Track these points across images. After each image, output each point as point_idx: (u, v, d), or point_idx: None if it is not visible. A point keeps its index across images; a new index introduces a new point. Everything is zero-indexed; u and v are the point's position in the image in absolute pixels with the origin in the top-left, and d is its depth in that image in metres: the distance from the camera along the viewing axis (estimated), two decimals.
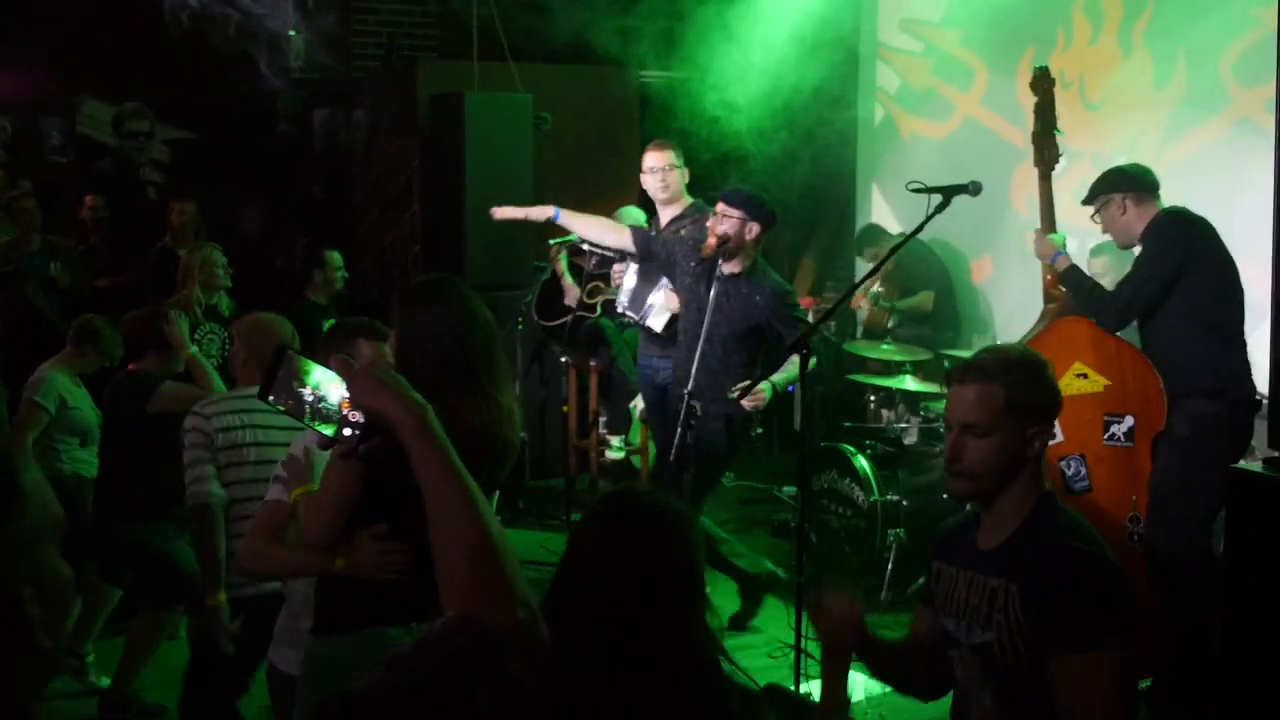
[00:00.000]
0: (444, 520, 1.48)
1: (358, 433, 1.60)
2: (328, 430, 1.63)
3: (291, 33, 8.39)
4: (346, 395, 1.59)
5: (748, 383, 5.03)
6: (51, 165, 8.89)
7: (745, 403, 5.04)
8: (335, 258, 7.21)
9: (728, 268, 5.13)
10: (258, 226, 8.87)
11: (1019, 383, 2.54)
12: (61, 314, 6.85)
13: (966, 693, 2.65)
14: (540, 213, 5.85)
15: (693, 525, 2.02)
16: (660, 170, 5.86)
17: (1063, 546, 2.51)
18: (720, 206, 5.15)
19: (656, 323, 5.87)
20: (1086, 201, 4.82)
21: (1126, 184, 4.73)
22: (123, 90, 8.90)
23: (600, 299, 7.26)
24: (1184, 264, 4.55)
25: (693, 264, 5.30)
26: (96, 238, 8.09)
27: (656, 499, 2.04)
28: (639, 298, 6.00)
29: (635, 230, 5.72)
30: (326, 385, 1.63)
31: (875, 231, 8.01)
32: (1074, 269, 4.80)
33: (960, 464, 2.57)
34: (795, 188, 8.37)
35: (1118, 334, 4.77)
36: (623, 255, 6.18)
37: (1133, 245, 4.78)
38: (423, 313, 2.97)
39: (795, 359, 4.75)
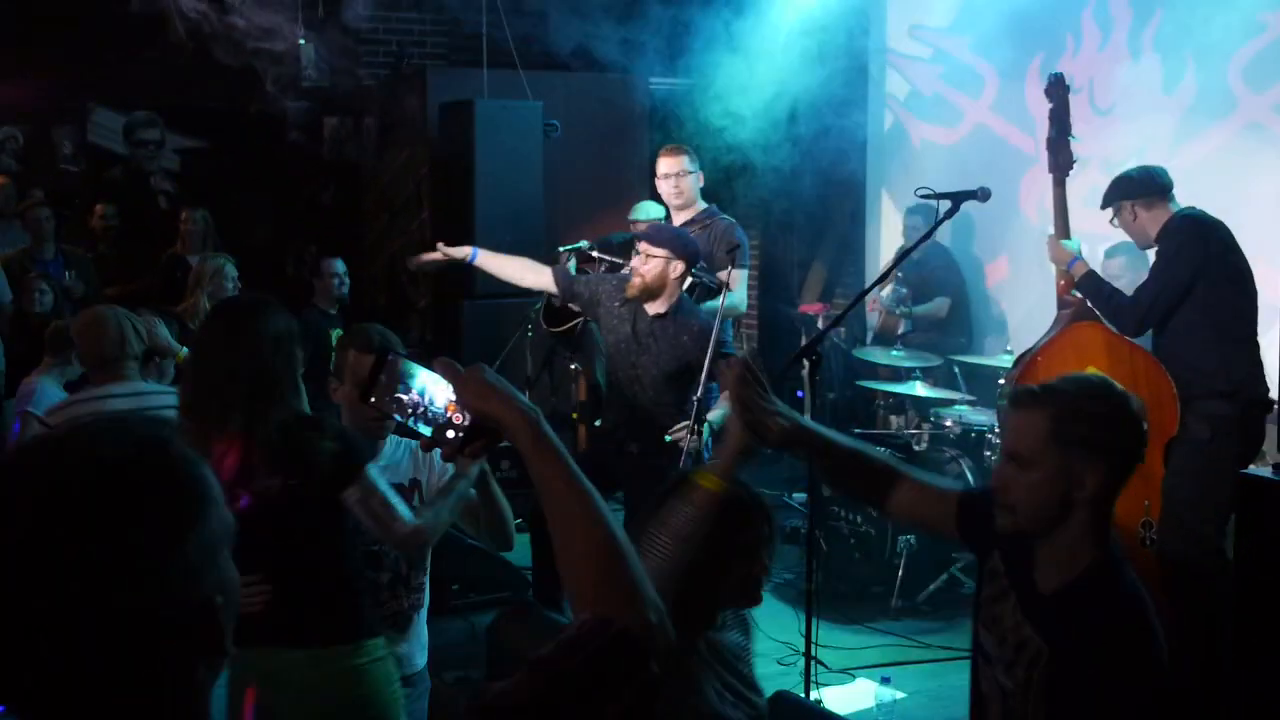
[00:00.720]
0: (570, 526, 1.46)
1: (461, 435, 1.60)
2: (428, 433, 1.63)
3: (301, 41, 8.42)
4: (453, 398, 1.59)
5: (683, 425, 4.71)
6: (63, 174, 8.93)
7: (683, 445, 4.71)
8: (335, 265, 7.09)
9: (652, 308, 4.89)
10: (267, 234, 8.91)
11: (1072, 413, 2.28)
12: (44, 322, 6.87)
13: (987, 705, 2.50)
14: (459, 252, 5.74)
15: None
16: (674, 176, 5.85)
17: (1109, 625, 2.25)
18: (643, 246, 4.92)
19: None
20: (1104, 207, 4.85)
21: (1133, 190, 4.75)
22: (133, 100, 8.95)
23: None
24: (1200, 267, 4.54)
25: (618, 304, 5.03)
26: (106, 246, 8.13)
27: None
28: None
29: (556, 270, 5.51)
30: (432, 388, 1.63)
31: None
32: (1091, 275, 4.79)
33: (1004, 495, 2.35)
34: (804, 194, 8.38)
35: (1132, 340, 4.75)
36: (627, 260, 6.18)
37: (1150, 247, 4.79)
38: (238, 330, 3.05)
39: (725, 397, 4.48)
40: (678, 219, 6.00)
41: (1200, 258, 4.55)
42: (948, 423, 6.35)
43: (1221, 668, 4.43)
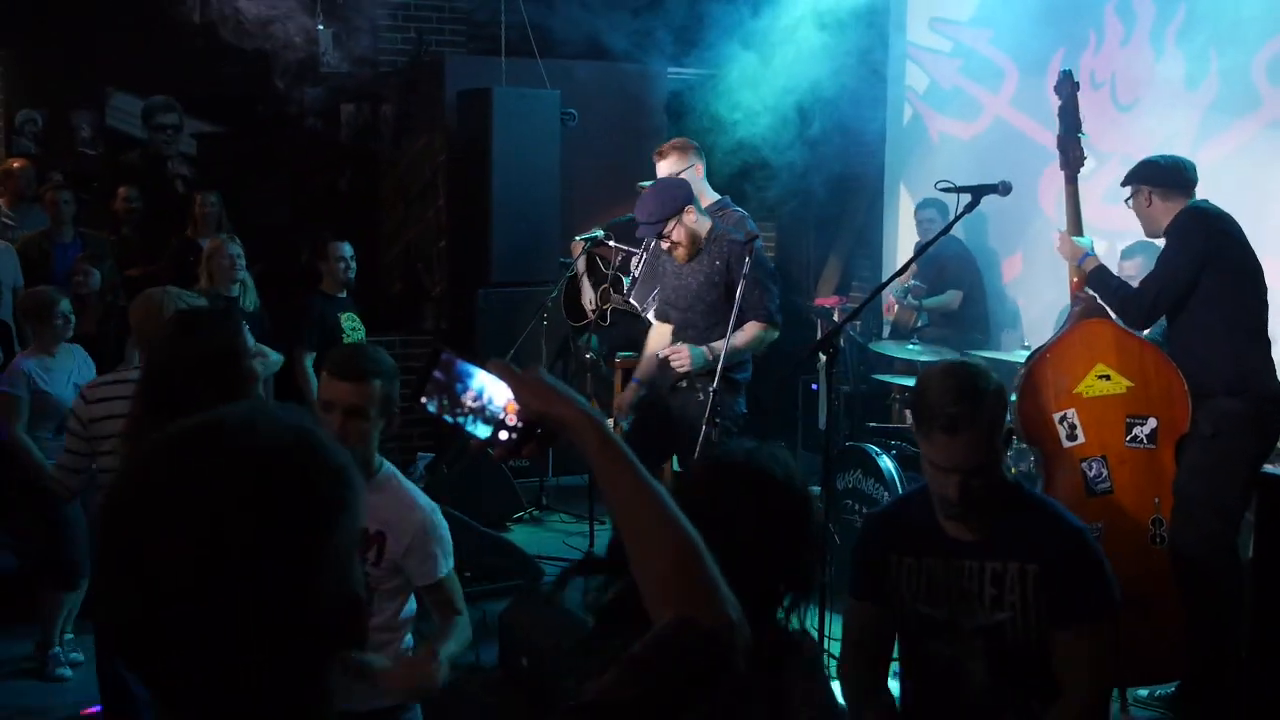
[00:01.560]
0: (643, 528, 1.44)
1: (514, 436, 1.59)
2: (483, 433, 1.61)
3: (320, 27, 8.41)
4: (509, 398, 1.57)
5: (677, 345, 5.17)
6: (82, 157, 8.94)
7: (673, 362, 5.10)
8: (342, 248, 7.02)
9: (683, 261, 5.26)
10: (283, 220, 8.91)
11: (994, 409, 2.70)
12: (99, 304, 6.89)
13: (955, 672, 2.78)
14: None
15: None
16: (674, 175, 5.88)
17: (1074, 528, 2.77)
18: (666, 232, 5.19)
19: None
20: (1124, 184, 4.83)
21: (1156, 177, 4.72)
22: (151, 84, 8.95)
23: (610, 305, 7.30)
24: (1205, 260, 4.52)
25: (674, 268, 5.38)
26: (128, 229, 8.14)
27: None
28: (644, 292, 6.01)
29: (645, 310, 5.94)
30: (490, 388, 1.61)
31: None
32: (1100, 269, 4.77)
33: (974, 503, 2.70)
34: (821, 187, 8.35)
35: (1141, 334, 4.74)
36: (639, 245, 6.18)
37: (1157, 236, 4.78)
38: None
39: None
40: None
41: (1203, 250, 4.53)
42: None
43: (1237, 665, 4.41)
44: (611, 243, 7.17)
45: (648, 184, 5.77)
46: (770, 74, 7.10)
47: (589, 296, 7.57)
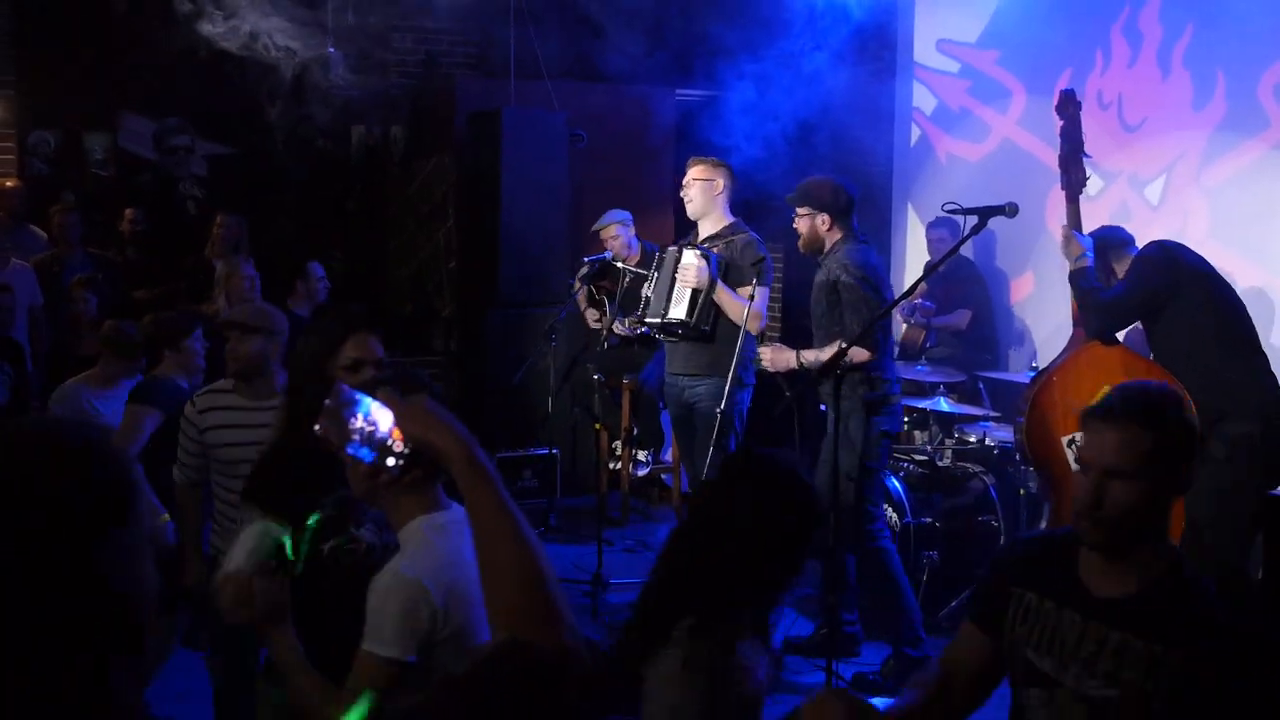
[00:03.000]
0: (495, 548, 1.51)
1: (401, 462, 1.64)
2: (368, 458, 1.65)
3: (331, 49, 8.46)
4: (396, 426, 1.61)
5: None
6: (94, 179, 9.00)
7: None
8: (318, 268, 7.13)
9: (704, 228, 5.59)
10: (293, 242, 8.95)
11: (1171, 427, 2.39)
12: (97, 327, 6.91)
13: None
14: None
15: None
16: (684, 185, 5.93)
17: (1232, 626, 2.34)
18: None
19: (679, 310, 5.82)
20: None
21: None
22: (164, 106, 9.01)
23: (619, 330, 7.36)
24: (1173, 282, 4.62)
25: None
26: (134, 251, 8.18)
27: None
28: (657, 310, 6.02)
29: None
30: (377, 415, 1.65)
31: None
32: (1083, 270, 4.85)
33: (1097, 510, 2.38)
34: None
35: (1150, 359, 4.75)
36: (648, 269, 6.21)
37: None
38: None
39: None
40: (701, 230, 6.00)
41: (1166, 274, 4.64)
42: (971, 439, 6.33)
43: None
44: (620, 264, 7.19)
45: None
46: (778, 95, 7.12)
47: (594, 315, 7.62)
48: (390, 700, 1.92)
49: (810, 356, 5.24)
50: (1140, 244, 4.97)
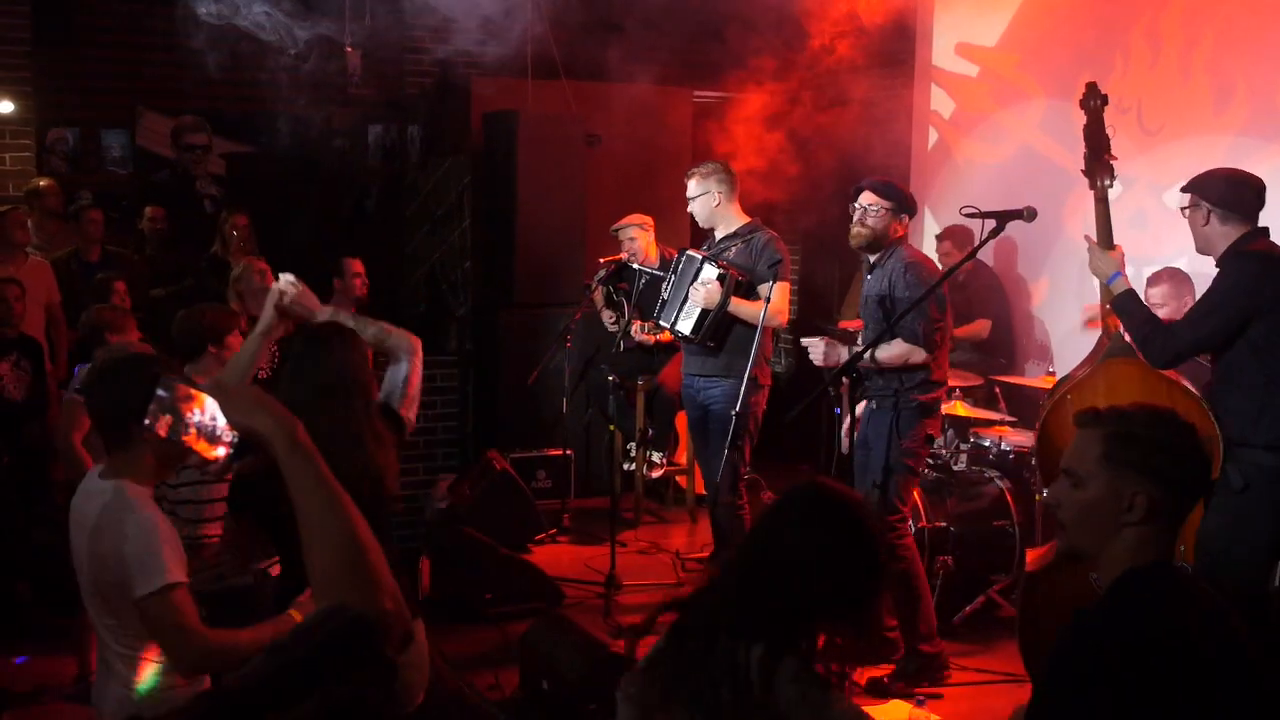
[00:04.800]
0: (317, 520, 1.62)
1: (232, 451, 1.67)
2: (207, 451, 1.68)
3: (349, 49, 8.47)
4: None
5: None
6: (111, 176, 9.03)
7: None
8: (355, 264, 7.03)
9: (873, 257, 5.41)
10: (309, 241, 8.96)
11: (1126, 435, 2.34)
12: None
13: None
14: None
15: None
16: (690, 199, 5.96)
17: (1141, 640, 2.21)
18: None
19: (685, 325, 5.88)
20: (1184, 190, 4.46)
21: (1220, 197, 4.33)
22: (181, 104, 9.04)
23: (635, 334, 7.35)
24: (1252, 309, 4.19)
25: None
26: (154, 248, 8.20)
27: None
28: (671, 312, 6.04)
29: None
30: (211, 406, 1.67)
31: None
32: (1130, 294, 4.50)
33: (1057, 511, 2.42)
34: (846, 210, 8.33)
35: (1173, 374, 4.50)
36: (663, 270, 6.22)
37: (1207, 255, 4.43)
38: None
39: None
40: (717, 233, 6.05)
41: (1252, 301, 4.18)
42: (987, 443, 6.30)
43: None
44: (635, 266, 7.18)
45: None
46: (795, 96, 7.12)
47: (610, 316, 7.62)
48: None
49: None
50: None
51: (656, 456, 7.63)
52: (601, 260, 7.38)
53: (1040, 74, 7.51)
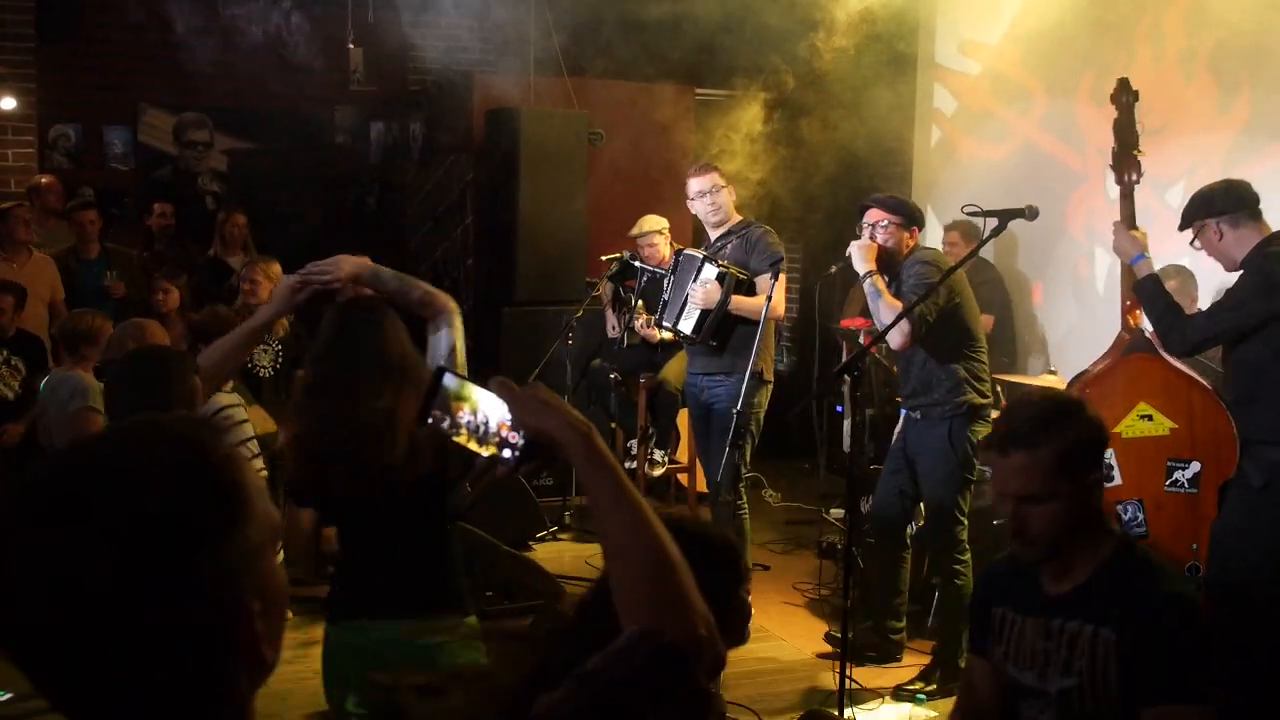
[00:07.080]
0: (621, 539, 1.48)
1: (517, 454, 1.59)
2: (486, 452, 1.61)
3: (351, 46, 8.47)
4: (505, 417, 1.58)
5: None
6: (113, 173, 9.03)
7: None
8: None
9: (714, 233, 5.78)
10: (311, 237, 8.96)
11: (1070, 444, 2.45)
12: (116, 322, 6.92)
13: None
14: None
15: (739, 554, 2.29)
16: (709, 193, 5.90)
17: (1167, 594, 2.44)
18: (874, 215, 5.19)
19: (686, 325, 5.88)
20: (1182, 228, 4.40)
21: (1217, 206, 4.29)
22: (183, 100, 9.04)
23: (638, 333, 7.34)
24: (1275, 310, 4.10)
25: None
26: (162, 245, 8.20)
27: (706, 528, 2.13)
28: (672, 313, 6.03)
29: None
30: (486, 406, 1.61)
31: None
32: (1153, 279, 4.38)
33: (1026, 533, 2.49)
34: (848, 208, 8.32)
35: (1191, 372, 4.46)
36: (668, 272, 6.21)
37: (1235, 269, 4.32)
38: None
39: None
40: (713, 233, 6.03)
41: (1273, 303, 4.10)
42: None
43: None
44: (637, 263, 7.18)
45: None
46: (798, 95, 7.10)
47: (612, 322, 7.60)
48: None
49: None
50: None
51: (658, 454, 7.62)
52: (603, 258, 7.37)
53: (1043, 71, 7.50)
